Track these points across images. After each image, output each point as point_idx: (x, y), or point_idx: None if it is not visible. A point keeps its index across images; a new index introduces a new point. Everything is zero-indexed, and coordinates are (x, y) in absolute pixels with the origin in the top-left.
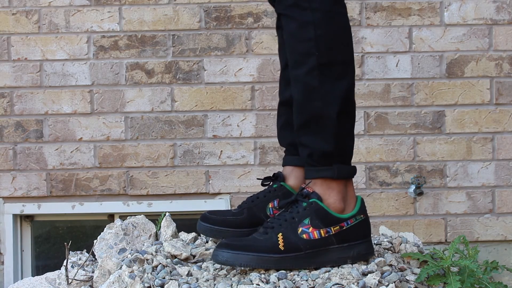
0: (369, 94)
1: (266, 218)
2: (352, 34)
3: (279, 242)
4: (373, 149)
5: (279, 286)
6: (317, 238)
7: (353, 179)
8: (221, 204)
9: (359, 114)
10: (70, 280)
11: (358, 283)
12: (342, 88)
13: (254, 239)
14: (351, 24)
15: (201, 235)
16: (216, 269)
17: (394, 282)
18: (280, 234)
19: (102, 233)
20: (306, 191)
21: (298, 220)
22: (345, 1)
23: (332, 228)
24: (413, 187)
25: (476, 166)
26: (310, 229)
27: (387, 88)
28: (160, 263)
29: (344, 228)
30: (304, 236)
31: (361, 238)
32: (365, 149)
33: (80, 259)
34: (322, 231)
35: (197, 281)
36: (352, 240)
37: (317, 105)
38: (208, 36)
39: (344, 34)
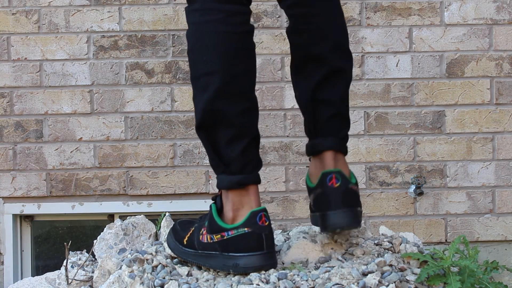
0: (369, 94)
1: None
2: (352, 34)
3: (186, 236)
4: (373, 149)
5: (279, 286)
6: (205, 241)
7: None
8: None
9: (359, 114)
10: (70, 280)
11: (358, 283)
12: (203, 100)
13: (185, 228)
14: (350, 24)
15: None
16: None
17: (394, 282)
18: (192, 229)
19: (102, 233)
20: (215, 195)
21: (204, 221)
22: (345, 1)
23: (214, 236)
24: (413, 187)
25: (476, 166)
26: (204, 232)
27: (387, 88)
28: (160, 263)
29: (225, 238)
30: (201, 237)
31: (243, 251)
32: (365, 149)
33: (80, 259)
34: (208, 237)
35: (197, 281)
36: (232, 251)
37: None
38: None
39: (207, 44)
